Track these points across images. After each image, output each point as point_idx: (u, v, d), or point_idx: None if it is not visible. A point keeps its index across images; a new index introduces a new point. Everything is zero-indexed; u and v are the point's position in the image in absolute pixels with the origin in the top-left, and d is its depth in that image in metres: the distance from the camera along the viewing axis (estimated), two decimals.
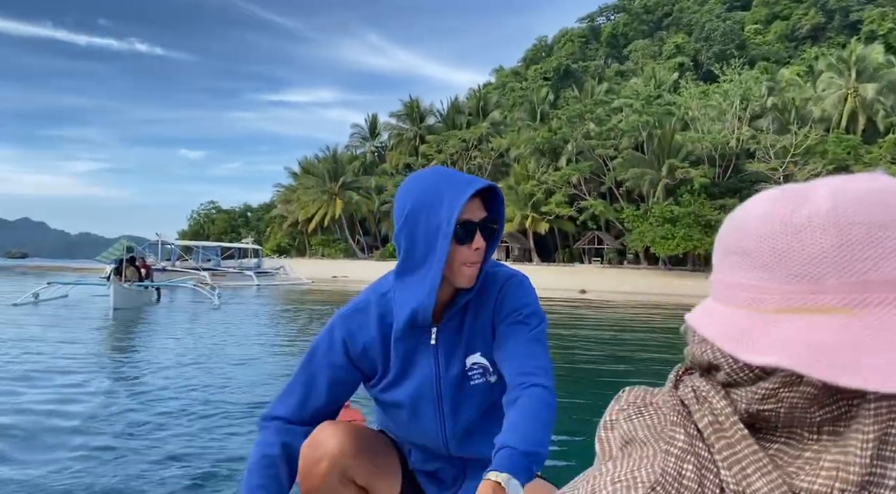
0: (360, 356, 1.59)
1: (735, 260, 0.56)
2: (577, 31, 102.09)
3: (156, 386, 5.80)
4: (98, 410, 4.86)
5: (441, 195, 1.44)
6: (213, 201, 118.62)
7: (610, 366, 8.23)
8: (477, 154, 61.03)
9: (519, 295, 1.56)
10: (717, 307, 0.58)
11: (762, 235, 0.54)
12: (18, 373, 6.34)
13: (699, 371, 0.61)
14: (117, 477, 3.31)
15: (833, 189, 0.51)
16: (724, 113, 47.56)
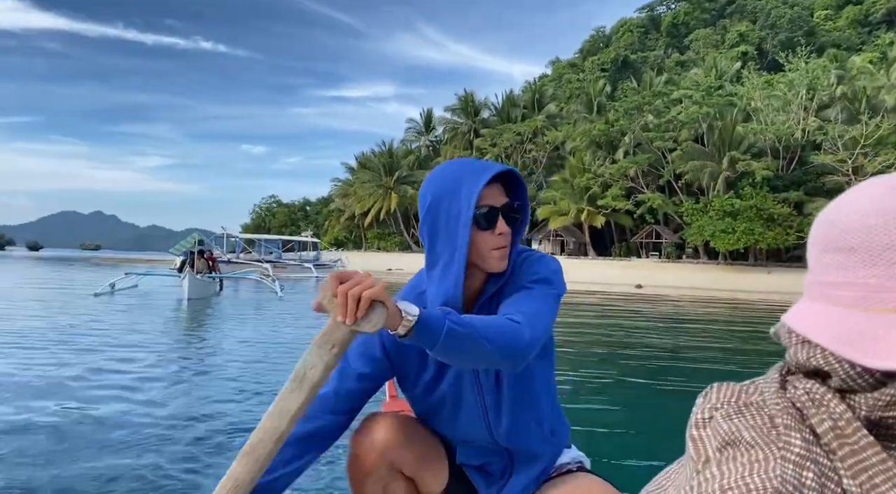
0: (397, 352, 1.58)
1: (838, 258, 0.54)
2: (636, 21, 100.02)
3: (228, 368, 6.31)
4: (181, 392, 5.39)
5: (459, 183, 1.44)
6: (274, 195, 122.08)
7: (664, 363, 8.35)
8: (532, 147, 60.80)
9: (535, 266, 1.53)
10: (820, 308, 0.55)
11: (871, 230, 0.52)
12: (113, 358, 6.98)
13: (803, 373, 0.59)
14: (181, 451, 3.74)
15: None
16: (790, 103, 45.96)
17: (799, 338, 0.57)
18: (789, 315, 0.58)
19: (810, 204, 42.52)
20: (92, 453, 3.48)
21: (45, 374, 5.63)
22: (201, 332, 9.89)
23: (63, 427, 3.99)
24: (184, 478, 3.15)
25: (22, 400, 4.61)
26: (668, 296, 27.81)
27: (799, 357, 0.57)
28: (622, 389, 6.14)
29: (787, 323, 0.57)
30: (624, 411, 5.16)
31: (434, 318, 1.22)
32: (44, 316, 10.97)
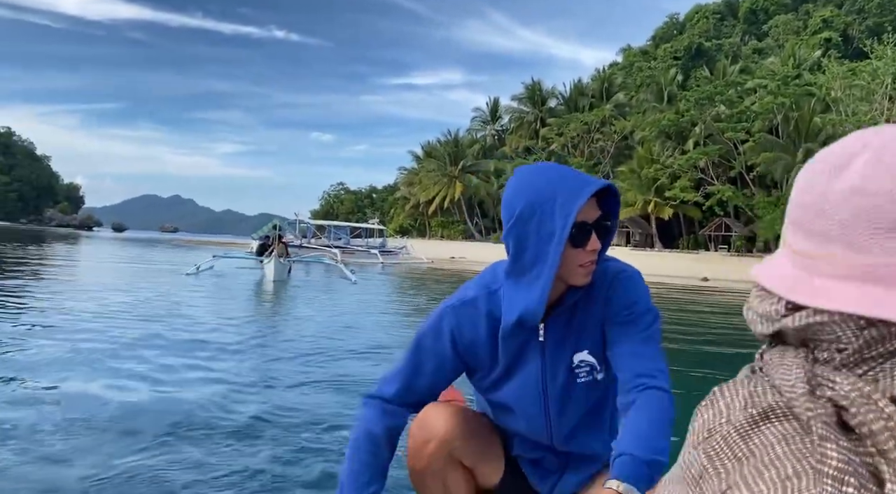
0: (467, 349, 1.58)
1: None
2: (712, 7, 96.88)
3: (305, 350, 7.07)
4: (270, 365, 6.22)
5: (554, 197, 1.39)
6: (342, 182, 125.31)
7: (713, 352, 8.69)
8: (599, 137, 60.22)
9: (629, 292, 1.50)
10: (885, 293, 0.52)
11: None
12: (215, 338, 7.91)
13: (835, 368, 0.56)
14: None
15: None
16: (873, 93, 43.91)
17: (861, 322, 0.54)
18: (845, 301, 0.53)
19: None
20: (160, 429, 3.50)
21: (152, 343, 6.43)
22: (292, 311, 10.84)
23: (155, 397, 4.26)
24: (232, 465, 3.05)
25: (129, 369, 5.07)
26: (735, 289, 27.46)
27: (868, 337, 0.54)
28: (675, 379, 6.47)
29: (856, 309, 0.53)
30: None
31: (643, 481, 1.26)
32: (140, 292, 12.18)
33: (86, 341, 6.04)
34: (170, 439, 3.34)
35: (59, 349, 5.59)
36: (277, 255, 16.43)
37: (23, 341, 6.00)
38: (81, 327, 6.95)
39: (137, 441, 3.27)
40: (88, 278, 15.48)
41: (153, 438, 3.34)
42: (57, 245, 36.62)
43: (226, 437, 3.45)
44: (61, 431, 3.38)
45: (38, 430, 3.36)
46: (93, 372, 4.84)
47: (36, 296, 9.91)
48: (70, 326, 6.98)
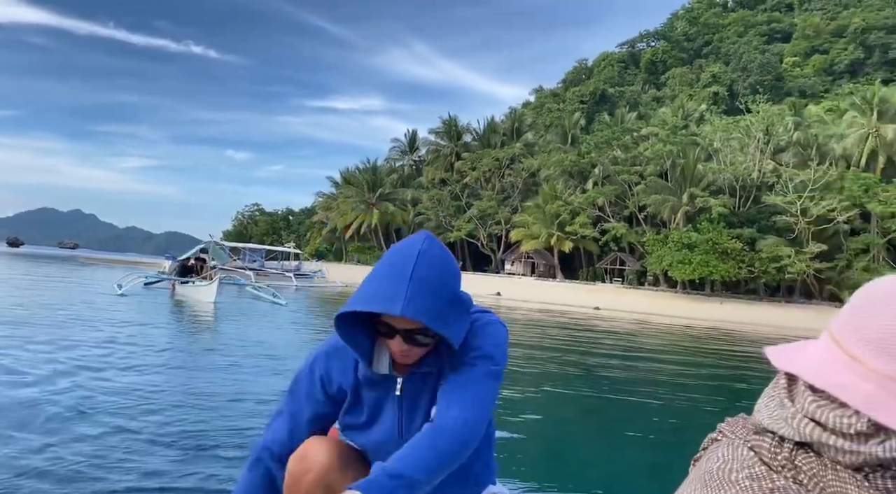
0: (336, 394, 1.64)
1: None
2: (617, 56, 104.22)
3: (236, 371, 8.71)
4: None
5: (381, 285, 1.45)
6: (257, 203, 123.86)
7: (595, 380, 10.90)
8: (509, 172, 63.83)
9: (477, 338, 1.54)
10: None
11: None
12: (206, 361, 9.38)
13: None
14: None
15: None
16: (747, 145, 49.48)
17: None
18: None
19: (762, 241, 45.78)
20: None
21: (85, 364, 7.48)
22: (243, 331, 12.27)
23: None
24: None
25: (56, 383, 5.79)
26: (620, 318, 30.55)
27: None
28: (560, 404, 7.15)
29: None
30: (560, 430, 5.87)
31: (380, 491, 1.28)
32: (71, 316, 13.22)
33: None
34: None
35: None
36: (204, 277, 17.33)
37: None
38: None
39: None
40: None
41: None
42: None
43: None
44: None
45: None
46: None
47: None
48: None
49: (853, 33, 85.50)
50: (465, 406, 1.47)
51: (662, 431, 5.93)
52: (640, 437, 5.71)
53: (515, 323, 22.48)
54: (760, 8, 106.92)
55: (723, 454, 0.72)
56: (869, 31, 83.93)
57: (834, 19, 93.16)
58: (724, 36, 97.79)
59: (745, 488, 0.66)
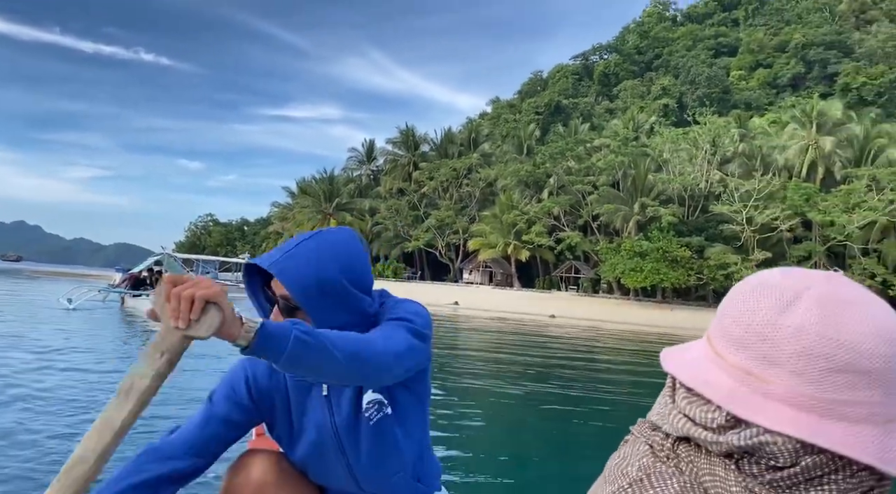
0: (262, 398, 1.59)
1: (849, 378, 0.61)
2: (571, 68, 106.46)
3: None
4: None
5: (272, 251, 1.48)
6: (211, 214, 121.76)
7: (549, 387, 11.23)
8: (467, 182, 64.45)
9: (392, 310, 1.53)
10: (831, 426, 0.61)
11: (887, 356, 0.61)
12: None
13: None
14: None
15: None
16: (695, 157, 51.14)
17: (798, 447, 0.63)
18: (796, 427, 0.62)
19: (710, 248, 47.29)
20: None
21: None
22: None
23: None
24: None
25: None
26: (574, 325, 31.19)
27: (805, 463, 0.63)
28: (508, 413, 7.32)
29: (807, 437, 0.61)
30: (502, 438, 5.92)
31: (279, 327, 1.18)
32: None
33: None
34: None
35: None
36: None
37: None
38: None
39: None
40: None
41: None
42: None
43: None
44: None
45: None
46: None
47: None
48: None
49: (794, 48, 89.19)
50: (387, 335, 1.42)
51: (605, 434, 6.19)
52: (589, 441, 5.91)
53: (473, 331, 22.79)
54: (708, 23, 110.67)
55: (624, 452, 0.77)
56: (809, 47, 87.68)
57: (777, 34, 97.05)
58: (674, 49, 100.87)
59: (626, 474, 0.72)
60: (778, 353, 0.64)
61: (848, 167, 48.26)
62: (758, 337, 0.66)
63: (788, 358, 0.64)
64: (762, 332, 0.66)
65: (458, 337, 18.51)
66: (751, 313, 0.67)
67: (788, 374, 0.64)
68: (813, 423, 0.62)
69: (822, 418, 0.62)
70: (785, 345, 0.64)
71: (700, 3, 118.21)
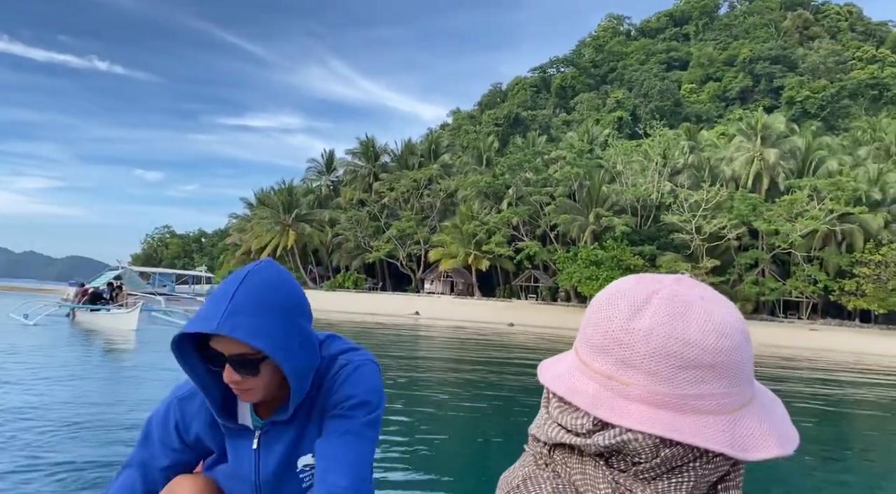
0: (195, 443, 1.54)
1: (697, 373, 0.67)
2: (530, 81, 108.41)
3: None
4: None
5: (204, 308, 1.34)
6: (168, 226, 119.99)
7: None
8: (427, 193, 65.08)
9: (347, 386, 1.44)
10: (685, 420, 0.67)
11: (728, 350, 0.68)
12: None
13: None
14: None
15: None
16: (647, 168, 52.82)
17: (657, 441, 0.68)
18: (653, 424, 0.67)
19: (661, 257, 48.83)
20: None
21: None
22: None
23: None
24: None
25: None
26: (532, 333, 31.93)
27: (664, 456, 0.69)
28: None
29: (662, 433, 0.67)
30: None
31: None
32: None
33: None
34: None
35: None
36: (121, 304, 16.97)
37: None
38: None
39: None
40: None
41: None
42: None
43: None
44: None
45: None
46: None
47: None
48: None
49: (742, 63, 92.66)
50: (346, 471, 1.37)
51: None
52: None
53: (432, 340, 23.28)
54: (660, 37, 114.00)
55: (515, 464, 0.81)
56: (756, 61, 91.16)
57: (725, 49, 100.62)
58: (628, 63, 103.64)
59: (508, 482, 0.77)
60: (633, 356, 0.68)
61: (791, 178, 50.54)
62: (615, 342, 0.70)
63: (642, 360, 0.68)
64: (618, 337, 0.70)
65: (418, 347, 18.97)
66: (608, 320, 0.71)
67: (643, 375, 0.68)
68: (668, 419, 0.66)
69: (676, 413, 0.66)
70: (638, 347, 0.68)
71: (652, 18, 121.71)
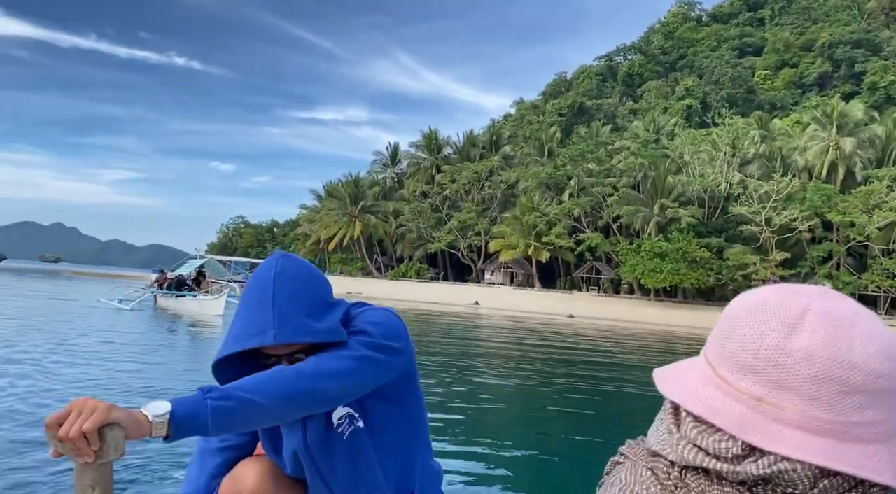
0: None
1: (860, 399, 0.61)
2: (596, 69, 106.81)
3: None
4: None
5: (249, 318, 1.46)
6: (242, 216, 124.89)
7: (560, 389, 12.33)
8: (488, 185, 65.57)
9: (353, 322, 1.56)
10: (847, 449, 0.61)
11: (892, 373, 0.62)
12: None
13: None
14: None
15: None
16: (715, 158, 51.60)
17: (816, 471, 0.62)
18: (814, 453, 0.61)
19: (729, 249, 47.72)
20: None
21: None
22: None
23: None
24: None
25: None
26: (592, 325, 32.14)
27: (822, 487, 0.62)
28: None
29: (825, 463, 0.60)
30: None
31: (191, 404, 1.19)
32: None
33: None
34: None
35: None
36: (206, 290, 18.29)
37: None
38: None
39: None
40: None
41: None
42: None
43: None
44: None
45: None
46: None
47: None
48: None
49: (821, 47, 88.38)
50: (321, 357, 1.45)
51: (621, 429, 6.48)
52: (597, 440, 5.99)
53: (488, 329, 23.97)
54: (733, 22, 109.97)
55: (624, 476, 0.75)
56: (836, 46, 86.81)
57: (803, 34, 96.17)
58: (698, 50, 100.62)
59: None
60: (790, 378, 0.63)
61: (869, 168, 48.31)
62: (767, 362, 0.64)
63: (801, 383, 0.62)
64: (772, 357, 0.64)
65: (475, 335, 19.65)
66: (758, 338, 0.65)
67: (802, 400, 0.62)
68: (830, 448, 0.61)
69: (836, 441, 0.61)
70: (798, 370, 0.63)
71: (725, 2, 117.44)
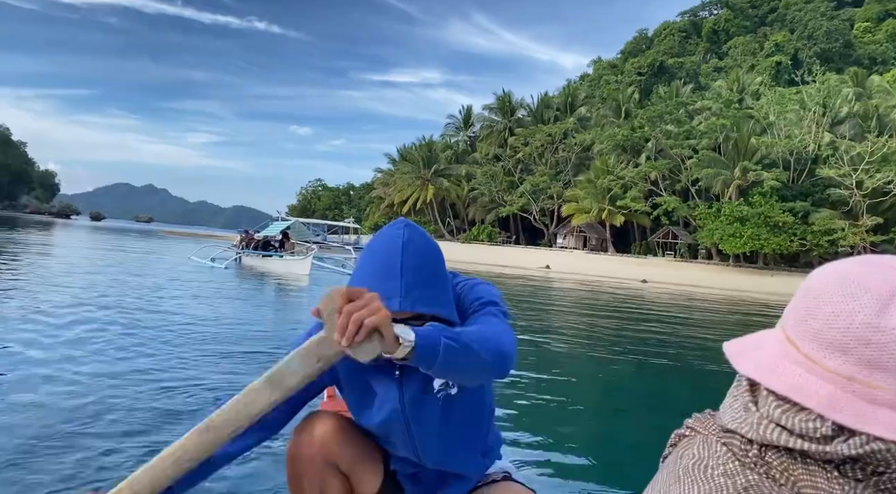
0: (328, 372, 1.52)
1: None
2: (678, 25, 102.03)
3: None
4: None
5: (376, 283, 1.45)
6: (320, 179, 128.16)
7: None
8: (562, 147, 64.72)
9: (472, 294, 1.58)
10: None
11: None
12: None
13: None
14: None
15: None
16: (803, 118, 48.97)
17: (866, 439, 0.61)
18: (867, 422, 0.60)
19: (815, 214, 45.59)
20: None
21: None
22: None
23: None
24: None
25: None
26: (666, 291, 31.79)
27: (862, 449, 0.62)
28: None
29: (871, 431, 0.60)
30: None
31: (429, 339, 1.24)
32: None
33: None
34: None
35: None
36: (291, 251, 19.34)
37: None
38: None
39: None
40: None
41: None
42: (60, 233, 39.54)
43: None
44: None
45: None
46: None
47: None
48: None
49: None
50: (495, 324, 1.49)
51: (693, 395, 6.25)
52: (679, 398, 5.89)
53: (559, 291, 24.25)
54: None
55: (697, 450, 0.73)
56: None
57: None
58: (791, 2, 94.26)
59: (719, 485, 0.67)
60: (884, 357, 0.61)
61: None
62: (859, 341, 0.62)
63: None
64: (864, 336, 0.62)
65: (545, 298, 19.99)
66: (848, 315, 0.63)
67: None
68: (868, 413, 0.60)
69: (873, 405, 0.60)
70: (892, 349, 0.61)
71: None
